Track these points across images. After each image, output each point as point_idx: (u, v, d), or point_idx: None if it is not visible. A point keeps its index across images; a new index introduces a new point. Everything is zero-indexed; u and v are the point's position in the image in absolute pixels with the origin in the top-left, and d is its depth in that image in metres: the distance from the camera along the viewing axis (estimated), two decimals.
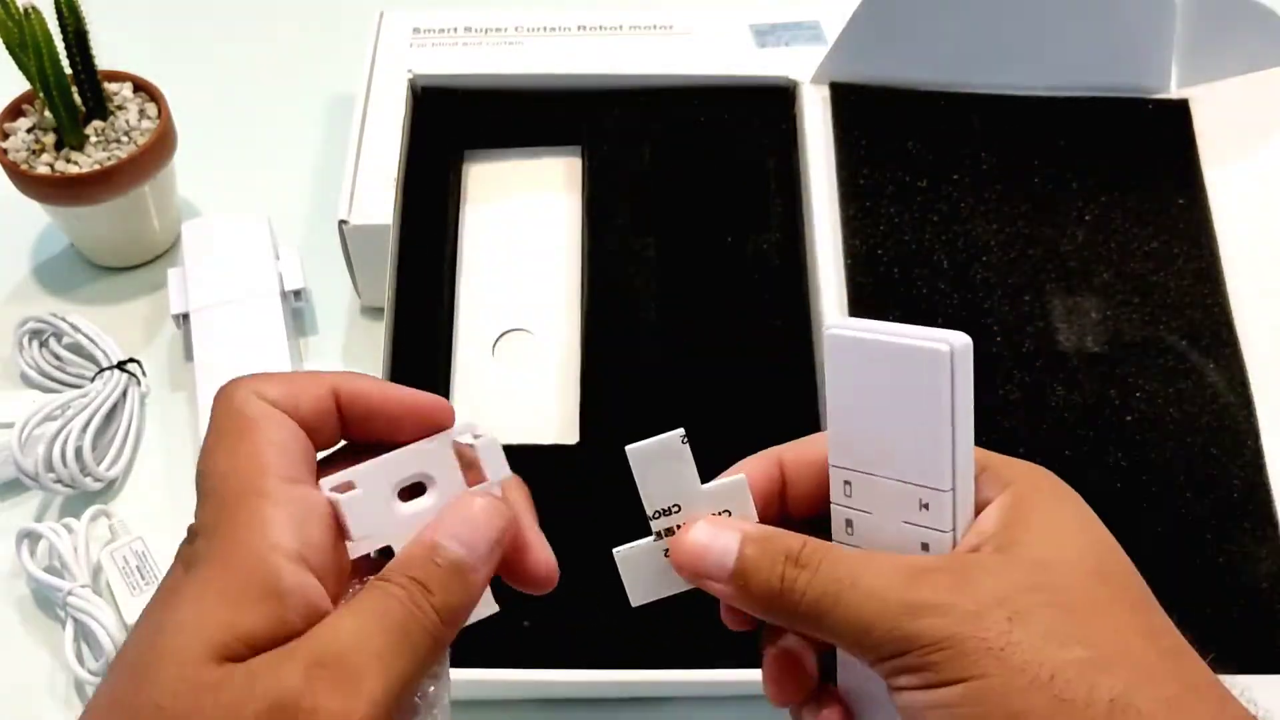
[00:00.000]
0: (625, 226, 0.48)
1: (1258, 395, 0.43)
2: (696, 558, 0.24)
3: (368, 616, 0.22)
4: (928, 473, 0.23)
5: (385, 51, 0.56)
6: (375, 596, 0.22)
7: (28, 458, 0.46)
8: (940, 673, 0.21)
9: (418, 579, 0.22)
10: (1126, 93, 0.50)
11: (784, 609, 0.23)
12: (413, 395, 0.25)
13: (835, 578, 0.23)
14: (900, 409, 0.23)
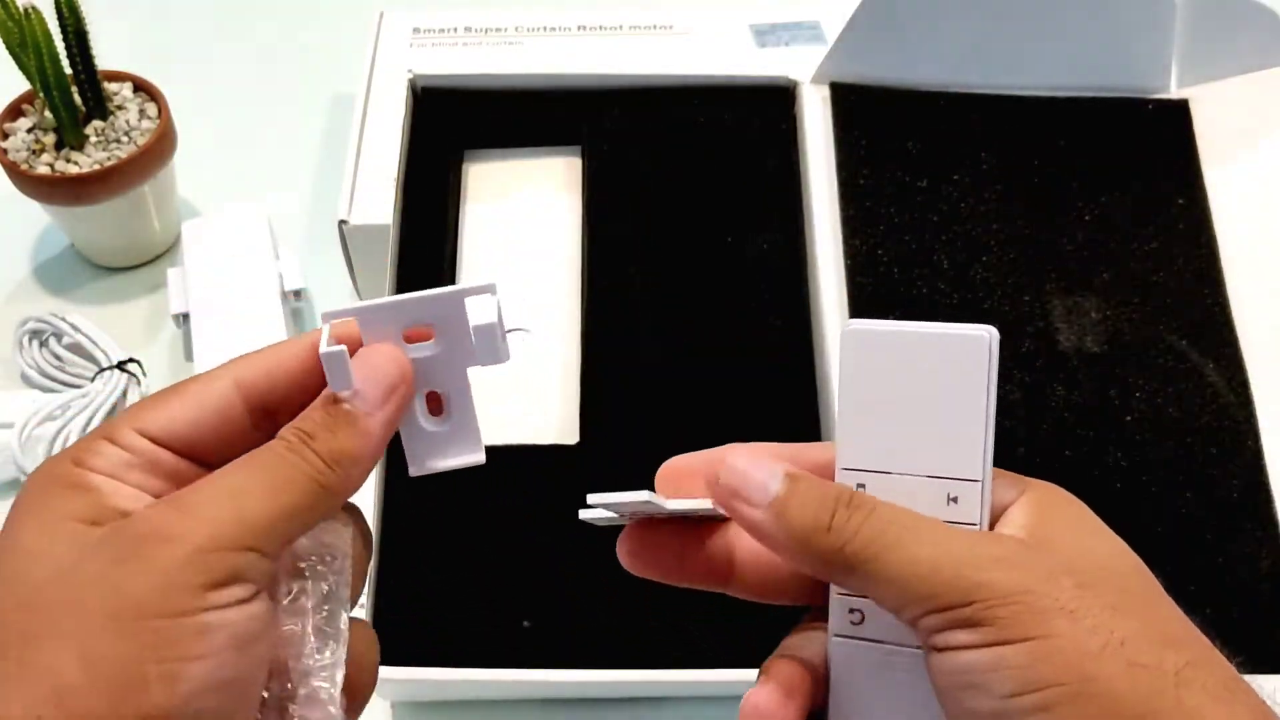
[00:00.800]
0: (625, 226, 0.48)
1: (1257, 395, 0.43)
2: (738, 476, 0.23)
3: (236, 465, 0.21)
4: (960, 464, 0.22)
5: (385, 51, 0.56)
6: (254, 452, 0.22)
7: (28, 458, 0.46)
8: (1005, 629, 0.19)
9: (301, 428, 0.22)
10: (1126, 93, 0.50)
11: (826, 548, 0.21)
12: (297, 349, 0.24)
13: (893, 520, 0.21)
14: (931, 401, 0.22)
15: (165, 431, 0.22)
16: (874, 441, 0.23)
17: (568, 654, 0.38)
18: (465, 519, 0.41)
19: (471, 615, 0.40)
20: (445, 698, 0.42)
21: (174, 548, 0.20)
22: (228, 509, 0.20)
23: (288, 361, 0.23)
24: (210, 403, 0.23)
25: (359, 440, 0.22)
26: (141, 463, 0.22)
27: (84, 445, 0.22)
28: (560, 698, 0.41)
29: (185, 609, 0.19)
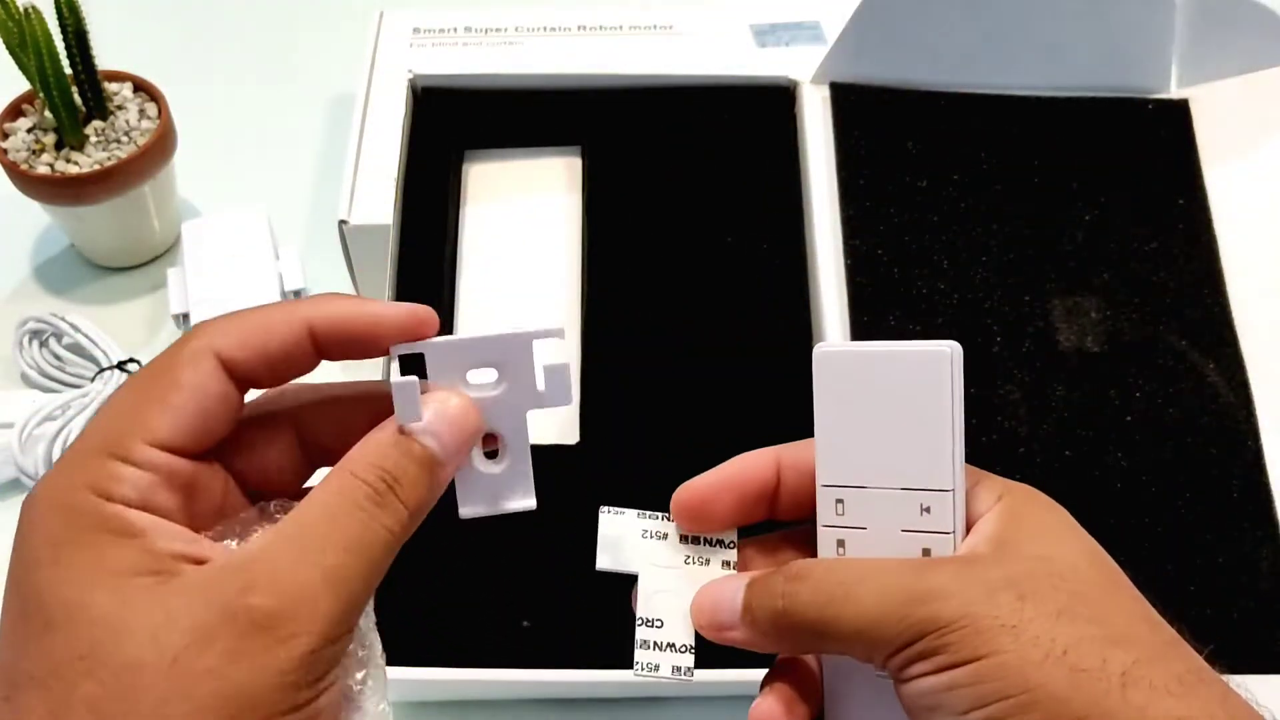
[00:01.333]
0: (625, 226, 0.48)
1: (1257, 395, 0.43)
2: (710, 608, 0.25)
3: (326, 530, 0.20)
4: (930, 475, 0.23)
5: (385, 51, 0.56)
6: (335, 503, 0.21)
7: (28, 458, 0.46)
8: (955, 653, 0.21)
9: (386, 470, 0.21)
10: (1126, 93, 0.50)
11: (790, 625, 0.23)
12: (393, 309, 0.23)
13: (837, 580, 0.23)
14: (899, 417, 0.23)
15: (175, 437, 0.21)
16: (849, 458, 0.24)
17: (568, 654, 0.38)
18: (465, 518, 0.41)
19: (471, 615, 0.40)
20: (445, 698, 0.42)
21: (290, 648, 0.19)
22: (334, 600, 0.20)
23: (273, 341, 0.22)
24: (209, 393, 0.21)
25: (433, 491, 0.22)
26: (163, 481, 0.20)
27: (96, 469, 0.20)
28: (560, 698, 0.41)
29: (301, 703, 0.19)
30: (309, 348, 0.22)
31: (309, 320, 0.22)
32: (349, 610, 0.20)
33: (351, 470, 0.21)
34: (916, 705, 0.22)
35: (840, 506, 0.24)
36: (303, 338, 0.22)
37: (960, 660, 0.21)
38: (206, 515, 0.22)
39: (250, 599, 0.19)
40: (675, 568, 0.26)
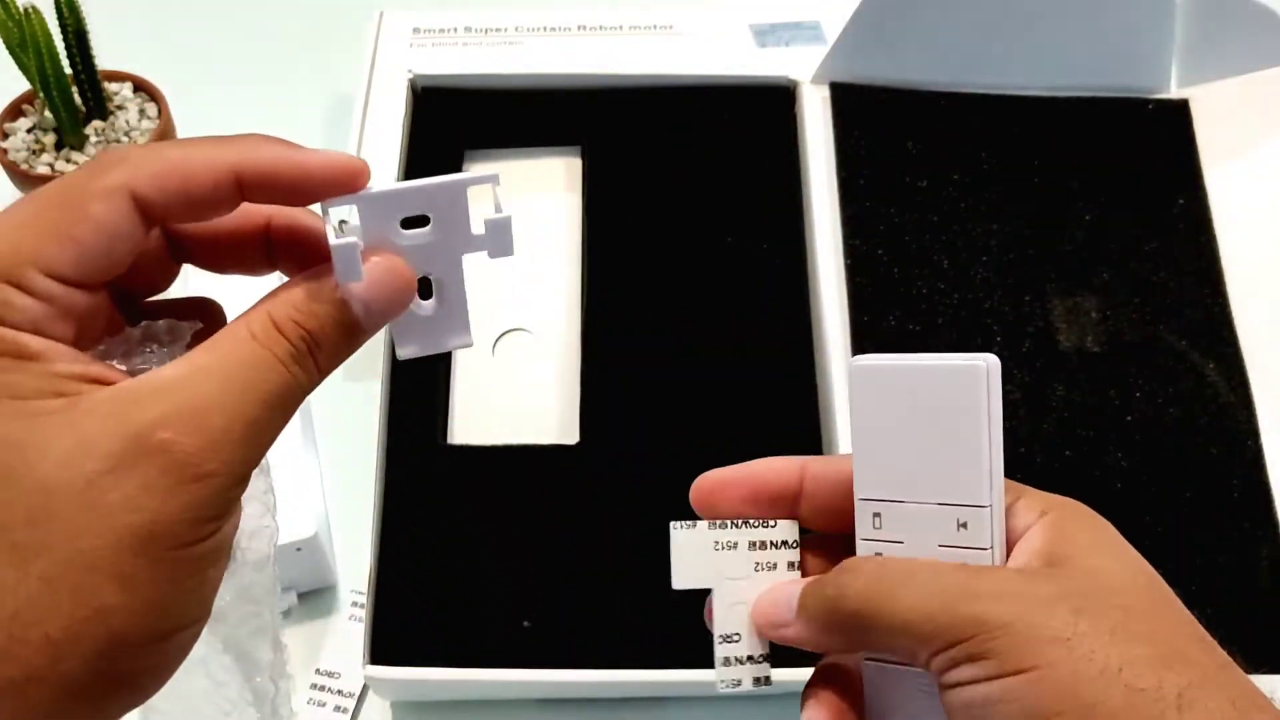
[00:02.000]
0: (625, 226, 0.48)
1: (1257, 395, 0.43)
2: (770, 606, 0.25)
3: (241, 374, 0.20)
4: (966, 490, 0.23)
5: (385, 51, 0.56)
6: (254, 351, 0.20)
7: None
8: (1004, 661, 0.20)
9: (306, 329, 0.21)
10: (1126, 93, 0.50)
11: (840, 618, 0.23)
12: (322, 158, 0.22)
13: (888, 574, 0.22)
14: (935, 431, 0.23)
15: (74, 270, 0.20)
16: (886, 472, 0.24)
17: (568, 654, 0.38)
18: (465, 518, 0.41)
19: (471, 615, 0.40)
20: (445, 698, 0.42)
21: (206, 486, 0.20)
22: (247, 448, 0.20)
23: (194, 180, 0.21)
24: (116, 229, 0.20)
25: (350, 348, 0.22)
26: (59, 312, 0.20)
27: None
28: (561, 698, 0.41)
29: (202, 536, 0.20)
30: (232, 193, 0.21)
31: (235, 166, 0.21)
32: (259, 457, 0.21)
33: (276, 321, 0.21)
34: (962, 715, 0.21)
35: (878, 520, 0.24)
36: (228, 182, 0.21)
37: (1011, 669, 0.20)
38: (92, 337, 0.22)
39: (170, 434, 0.19)
40: (746, 577, 0.26)
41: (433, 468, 0.42)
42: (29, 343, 0.19)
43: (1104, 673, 0.20)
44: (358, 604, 0.45)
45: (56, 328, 0.20)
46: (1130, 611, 0.21)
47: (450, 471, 0.42)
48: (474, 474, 0.42)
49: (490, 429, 0.43)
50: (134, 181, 0.20)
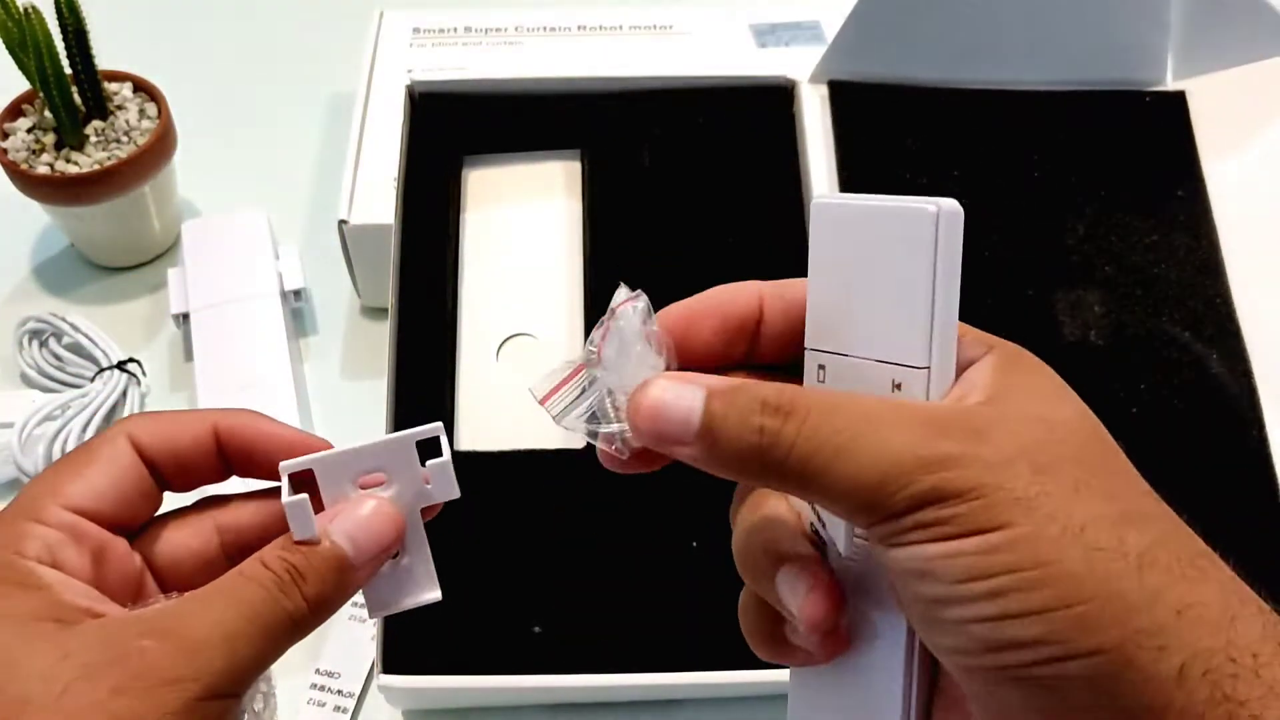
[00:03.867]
0: (626, 229, 0.48)
1: (1261, 385, 0.43)
2: (654, 418, 0.21)
3: (225, 599, 0.22)
4: (904, 349, 0.21)
5: (385, 51, 0.56)
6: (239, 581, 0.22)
7: (28, 458, 0.46)
8: (960, 524, 0.19)
9: (294, 565, 0.23)
10: (1123, 86, 0.50)
11: (765, 467, 0.20)
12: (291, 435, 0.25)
13: (832, 429, 0.20)
14: (880, 281, 0.21)
15: (87, 503, 0.23)
16: (833, 322, 0.22)
17: (578, 658, 0.38)
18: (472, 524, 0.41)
19: (480, 621, 0.39)
20: (456, 705, 0.41)
21: (176, 693, 0.20)
22: (225, 657, 0.21)
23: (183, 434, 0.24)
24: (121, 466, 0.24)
25: (341, 592, 0.23)
26: (71, 540, 0.23)
27: (14, 529, 0.22)
28: (571, 702, 0.41)
29: None
30: (213, 448, 0.25)
31: (215, 423, 0.25)
32: (238, 672, 0.21)
33: (261, 559, 0.23)
34: (903, 569, 0.20)
35: (821, 373, 0.22)
36: (208, 437, 0.25)
37: (965, 531, 0.19)
38: (117, 587, 0.24)
39: (146, 642, 0.21)
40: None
41: None
42: (42, 574, 0.22)
43: (1065, 532, 0.19)
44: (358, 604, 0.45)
45: (70, 554, 0.23)
46: (1087, 466, 0.20)
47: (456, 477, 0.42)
48: (480, 479, 0.42)
49: (496, 434, 0.43)
50: (132, 430, 0.24)
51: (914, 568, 0.20)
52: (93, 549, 0.23)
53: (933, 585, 0.19)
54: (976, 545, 0.19)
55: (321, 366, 0.53)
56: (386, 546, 0.24)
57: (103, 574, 0.23)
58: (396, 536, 0.24)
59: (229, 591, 0.22)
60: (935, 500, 0.19)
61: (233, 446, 0.25)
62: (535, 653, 0.39)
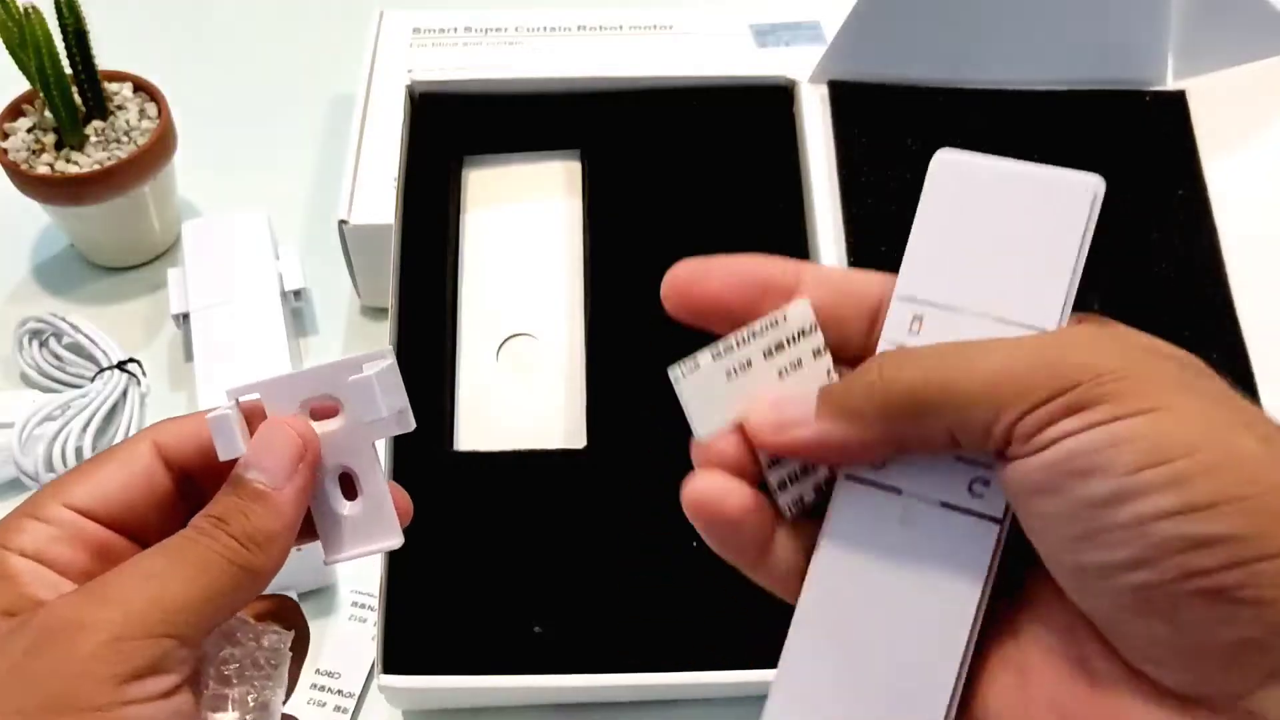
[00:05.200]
0: (627, 228, 0.48)
1: (1261, 385, 0.43)
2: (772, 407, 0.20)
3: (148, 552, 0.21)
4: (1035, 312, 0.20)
5: (385, 51, 0.56)
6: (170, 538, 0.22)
7: (28, 458, 0.46)
8: (1122, 404, 0.17)
9: (211, 514, 0.22)
10: (1123, 85, 0.50)
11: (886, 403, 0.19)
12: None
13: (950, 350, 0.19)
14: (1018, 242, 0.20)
15: (90, 502, 0.22)
16: (943, 273, 0.21)
17: (579, 658, 0.38)
18: (474, 524, 0.41)
19: (481, 621, 0.39)
20: (456, 705, 0.41)
21: (88, 636, 0.19)
22: (144, 594, 0.20)
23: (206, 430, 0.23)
24: (135, 468, 0.23)
25: (271, 518, 0.22)
26: (66, 536, 0.22)
27: (9, 524, 0.22)
28: (573, 703, 0.41)
29: (102, 703, 0.18)
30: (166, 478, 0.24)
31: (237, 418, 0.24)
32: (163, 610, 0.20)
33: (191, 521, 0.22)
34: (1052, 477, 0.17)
35: (917, 324, 0.21)
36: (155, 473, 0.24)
37: (1131, 411, 0.17)
38: None
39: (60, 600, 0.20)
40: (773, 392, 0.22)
41: (440, 474, 0.42)
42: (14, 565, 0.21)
43: (1233, 422, 0.17)
44: (358, 604, 0.45)
45: (60, 551, 0.22)
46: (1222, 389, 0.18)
47: (457, 478, 0.42)
48: (481, 480, 0.42)
49: (496, 435, 0.43)
50: (155, 433, 0.24)
51: (1073, 465, 0.17)
52: (93, 548, 0.22)
53: (1100, 481, 0.17)
54: (1146, 424, 0.17)
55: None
56: (296, 457, 0.22)
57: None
58: (302, 448, 0.23)
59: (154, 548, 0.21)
60: (1089, 377, 0.17)
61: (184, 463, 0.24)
62: (535, 653, 0.39)
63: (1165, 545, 0.16)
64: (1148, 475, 0.16)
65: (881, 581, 0.20)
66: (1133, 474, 0.17)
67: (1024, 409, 0.18)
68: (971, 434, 0.18)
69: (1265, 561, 0.16)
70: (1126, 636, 0.18)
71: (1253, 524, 0.16)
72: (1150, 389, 0.17)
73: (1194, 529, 0.16)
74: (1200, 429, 0.17)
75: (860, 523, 0.21)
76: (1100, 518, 0.17)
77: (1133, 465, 0.17)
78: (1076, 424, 0.17)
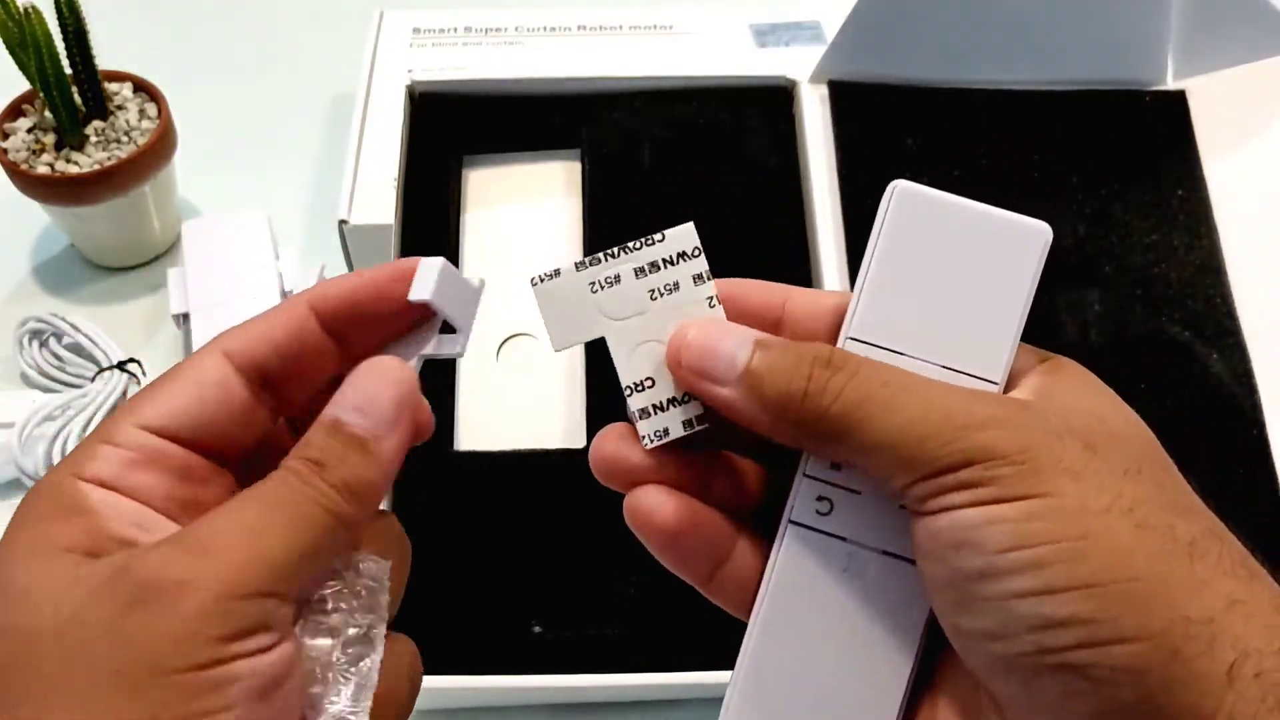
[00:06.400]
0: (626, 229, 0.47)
1: (1262, 385, 0.43)
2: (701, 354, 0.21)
3: (244, 500, 0.20)
4: (980, 362, 0.20)
5: (385, 51, 0.56)
6: (263, 482, 0.20)
7: (28, 458, 0.46)
8: (1005, 488, 0.18)
9: (311, 458, 0.20)
10: (1123, 85, 0.50)
11: (807, 414, 0.19)
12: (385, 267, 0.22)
13: (882, 381, 0.19)
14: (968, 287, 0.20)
15: (165, 420, 0.21)
16: (893, 317, 0.21)
17: (578, 658, 0.38)
18: (472, 523, 0.41)
19: (480, 621, 0.39)
20: (455, 705, 0.41)
21: (192, 597, 0.18)
22: (248, 551, 0.19)
23: (277, 326, 0.22)
24: (207, 380, 0.21)
25: (371, 468, 0.21)
26: (144, 459, 0.20)
27: (82, 451, 0.20)
28: (571, 702, 0.41)
29: (205, 662, 0.18)
30: (315, 326, 0.22)
31: (307, 299, 0.22)
32: (268, 566, 0.19)
33: (284, 462, 0.21)
34: (939, 543, 0.19)
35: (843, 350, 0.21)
36: (305, 317, 0.22)
37: (1010, 496, 0.18)
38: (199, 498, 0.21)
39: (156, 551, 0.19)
40: (644, 311, 0.21)
41: (439, 474, 0.42)
42: (91, 498, 0.20)
43: (1113, 507, 0.18)
44: None
45: (138, 477, 0.20)
46: (1139, 459, 0.19)
47: (457, 477, 0.42)
48: (481, 479, 0.42)
49: (496, 434, 0.43)
50: (224, 341, 0.22)
51: (953, 538, 0.18)
52: (173, 470, 0.20)
53: (972, 556, 0.18)
54: (1021, 511, 0.18)
55: None
56: (399, 405, 0.21)
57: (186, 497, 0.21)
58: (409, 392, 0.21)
59: (250, 492, 0.20)
60: (983, 459, 0.18)
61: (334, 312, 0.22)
62: (535, 653, 0.39)
63: (1023, 622, 0.18)
64: (1012, 557, 0.18)
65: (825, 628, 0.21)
66: (1000, 554, 0.18)
67: (920, 475, 0.19)
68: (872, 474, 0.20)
69: (1115, 645, 0.17)
70: (999, 696, 0.19)
71: (1104, 609, 0.17)
72: (1037, 476, 0.18)
73: (1049, 610, 0.17)
74: (1070, 518, 0.18)
75: (805, 569, 0.21)
76: (971, 589, 0.18)
77: (1001, 546, 0.18)
78: (962, 499, 0.18)
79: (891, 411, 0.19)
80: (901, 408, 0.19)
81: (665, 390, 0.22)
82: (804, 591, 0.21)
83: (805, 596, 0.21)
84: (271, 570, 0.19)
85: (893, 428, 0.19)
